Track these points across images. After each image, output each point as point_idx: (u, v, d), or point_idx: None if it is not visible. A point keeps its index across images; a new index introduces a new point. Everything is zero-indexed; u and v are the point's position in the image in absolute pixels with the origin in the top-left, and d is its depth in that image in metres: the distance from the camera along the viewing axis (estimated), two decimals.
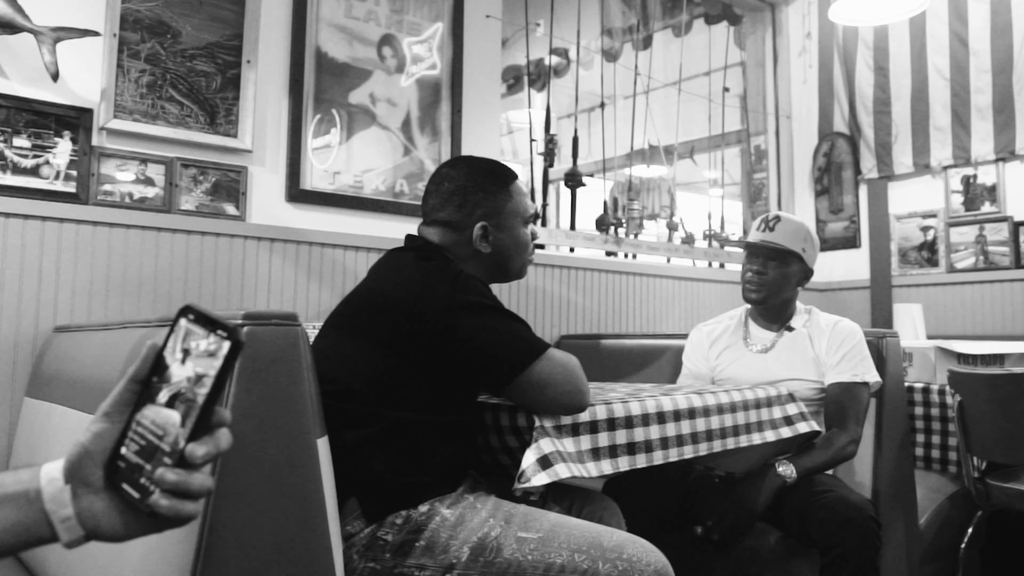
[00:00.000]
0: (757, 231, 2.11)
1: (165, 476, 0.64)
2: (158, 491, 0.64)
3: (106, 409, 0.68)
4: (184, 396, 0.65)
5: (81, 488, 0.66)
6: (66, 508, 0.65)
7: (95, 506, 0.66)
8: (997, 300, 3.35)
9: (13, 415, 1.88)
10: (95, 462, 0.66)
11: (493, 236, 1.49)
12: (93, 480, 0.66)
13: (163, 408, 0.65)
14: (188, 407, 0.64)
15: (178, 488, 0.64)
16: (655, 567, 1.28)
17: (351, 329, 1.42)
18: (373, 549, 1.28)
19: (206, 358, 0.64)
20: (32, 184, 1.95)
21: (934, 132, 3.57)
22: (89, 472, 0.66)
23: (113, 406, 0.68)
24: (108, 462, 0.66)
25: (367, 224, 2.49)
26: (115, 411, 0.67)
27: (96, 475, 0.66)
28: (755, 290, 2.08)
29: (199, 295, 2.15)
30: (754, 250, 2.09)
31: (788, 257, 2.06)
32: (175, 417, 0.65)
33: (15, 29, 1.89)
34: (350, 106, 2.50)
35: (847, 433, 1.89)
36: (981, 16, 3.43)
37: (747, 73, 4.08)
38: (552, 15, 3.13)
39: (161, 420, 0.65)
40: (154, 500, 0.64)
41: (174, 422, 0.64)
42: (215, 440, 0.66)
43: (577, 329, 2.98)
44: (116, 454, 0.66)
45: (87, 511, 0.66)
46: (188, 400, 0.64)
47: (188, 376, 0.65)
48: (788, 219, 2.10)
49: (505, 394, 1.36)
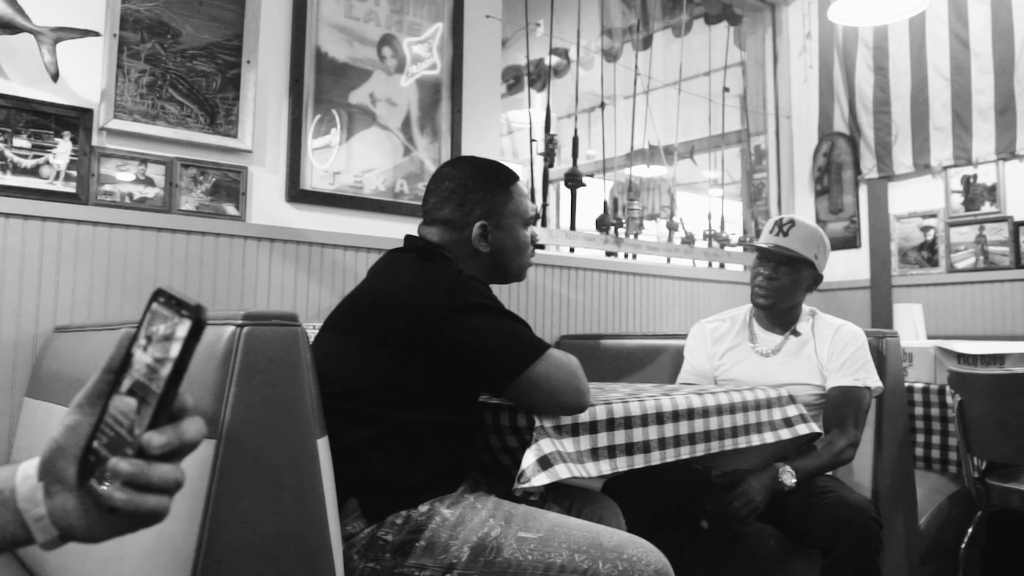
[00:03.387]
0: (770, 234, 2.07)
1: (118, 467, 0.59)
2: (115, 483, 0.59)
3: (79, 401, 0.64)
4: (140, 382, 0.60)
5: (55, 486, 0.62)
6: (39, 507, 0.62)
7: (67, 504, 0.62)
8: (997, 300, 3.35)
9: (13, 415, 1.88)
10: (68, 458, 0.62)
11: (492, 236, 1.49)
12: (66, 477, 0.62)
13: (124, 396, 0.61)
14: (145, 392, 0.60)
15: (135, 480, 0.59)
16: (655, 567, 1.28)
17: (351, 329, 1.42)
18: (373, 549, 1.28)
19: (166, 342, 0.59)
20: (32, 184, 1.95)
21: (934, 132, 3.57)
22: (62, 468, 0.62)
23: (86, 398, 0.64)
24: (81, 457, 0.62)
25: (367, 224, 2.49)
26: (88, 403, 0.64)
27: (69, 471, 0.62)
28: (764, 295, 2.05)
29: (199, 295, 2.15)
30: (765, 254, 2.06)
31: (800, 264, 2.04)
32: (132, 403, 0.60)
33: (15, 29, 1.89)
34: (350, 106, 2.50)
35: (845, 436, 1.89)
36: (982, 17, 3.43)
37: (747, 73, 4.08)
38: (552, 15, 3.13)
39: (123, 408, 0.61)
40: (107, 491, 0.59)
41: (131, 409, 0.60)
42: (177, 429, 0.60)
43: (577, 329, 2.98)
44: (89, 448, 0.62)
45: (59, 510, 0.62)
46: (144, 385, 0.60)
47: (147, 362, 0.60)
48: (802, 224, 2.06)
49: (505, 394, 1.36)
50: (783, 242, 2.04)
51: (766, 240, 2.07)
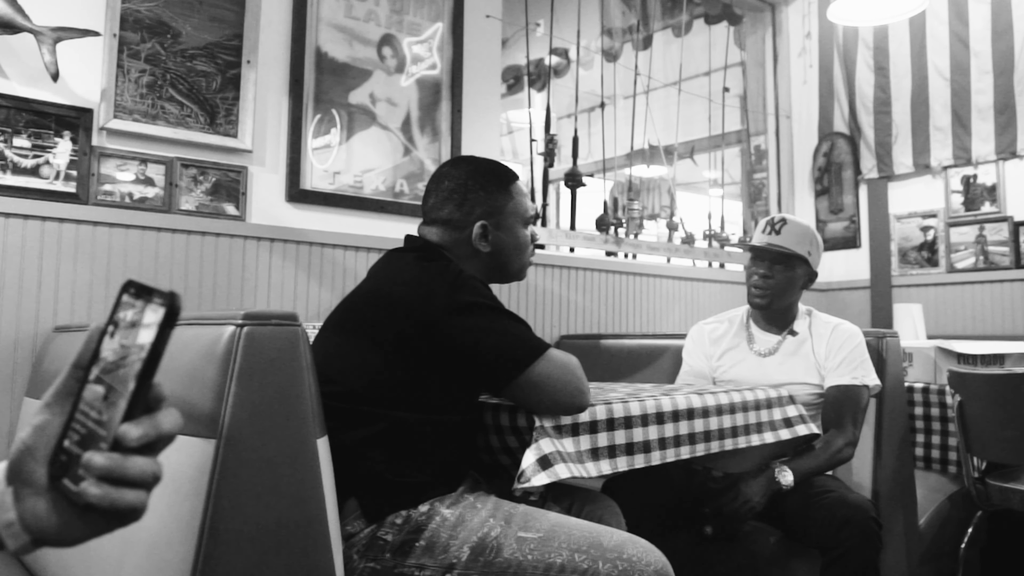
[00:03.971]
0: (763, 234, 2.08)
1: (92, 460, 0.56)
2: (90, 479, 0.56)
3: (47, 400, 0.61)
4: (108, 369, 0.58)
5: (24, 489, 0.59)
6: (8, 512, 0.59)
7: (38, 508, 0.59)
8: (997, 300, 3.35)
9: (13, 415, 1.88)
10: (37, 459, 0.59)
11: (492, 235, 1.49)
12: (36, 479, 0.59)
13: (92, 385, 0.58)
14: (113, 380, 0.57)
15: (111, 474, 0.56)
16: (655, 567, 1.28)
17: (351, 329, 1.42)
18: (373, 549, 1.28)
19: (134, 328, 0.57)
20: (32, 184, 1.95)
21: (934, 132, 3.57)
22: (31, 471, 0.59)
23: (55, 396, 0.61)
24: (51, 458, 0.59)
25: (367, 224, 2.49)
26: (56, 402, 0.60)
27: (39, 473, 0.59)
28: (760, 295, 2.06)
29: (199, 295, 2.15)
30: (759, 253, 2.07)
31: (794, 261, 2.05)
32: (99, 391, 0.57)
33: (15, 29, 1.89)
34: (350, 106, 2.50)
35: (844, 436, 1.89)
36: (982, 17, 3.43)
37: (747, 73, 4.08)
38: (552, 15, 3.13)
39: (90, 397, 0.58)
40: (83, 487, 0.56)
41: (99, 396, 0.57)
42: (154, 420, 0.58)
43: (577, 329, 2.98)
44: (60, 448, 0.59)
45: (30, 513, 0.59)
46: (112, 373, 0.57)
47: (114, 348, 0.58)
48: (794, 222, 2.08)
49: (505, 394, 1.37)
50: (776, 240, 2.05)
51: (759, 239, 2.08)
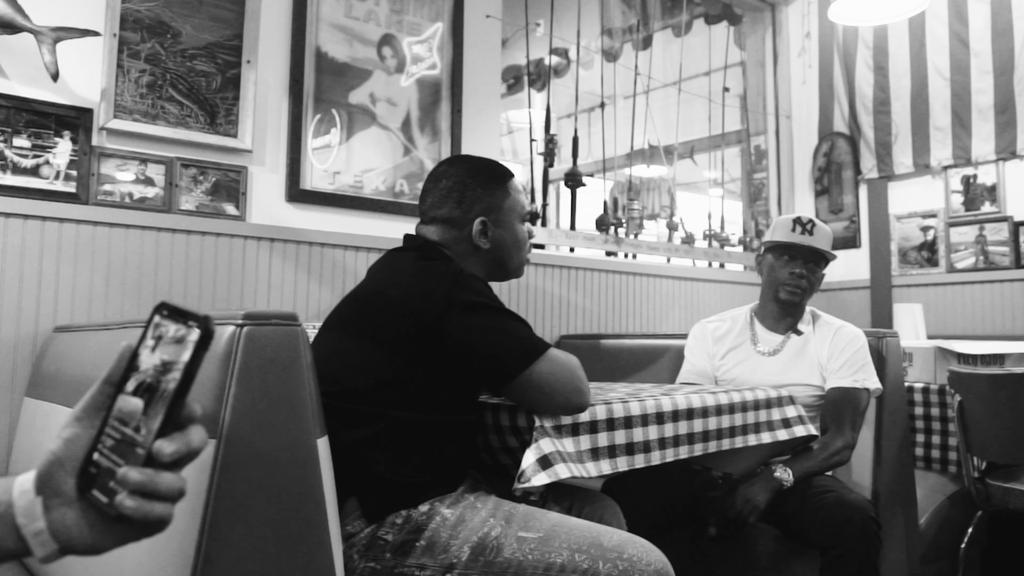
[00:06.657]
0: (795, 233, 2.07)
1: (128, 475, 0.59)
2: (124, 492, 0.60)
3: (78, 414, 0.64)
4: (149, 384, 0.61)
5: (53, 499, 0.62)
6: (38, 521, 0.61)
7: (67, 518, 0.62)
8: (997, 300, 3.35)
9: (13, 415, 1.88)
10: (67, 470, 0.62)
11: (492, 232, 1.50)
12: (65, 490, 0.62)
13: (130, 397, 0.62)
14: (152, 397, 0.61)
15: (144, 488, 0.60)
16: (655, 567, 1.28)
17: (351, 329, 1.42)
18: (373, 549, 1.28)
19: (174, 345, 0.61)
20: (32, 184, 1.95)
21: (934, 132, 3.57)
22: (61, 481, 0.62)
23: (85, 410, 0.64)
24: (81, 469, 0.62)
25: (367, 224, 2.49)
26: (87, 415, 0.64)
27: (68, 484, 0.62)
28: (797, 292, 2.06)
29: (199, 295, 2.15)
30: (798, 252, 2.07)
31: (826, 262, 2.10)
32: (139, 404, 0.61)
33: (15, 29, 1.89)
34: (350, 106, 2.50)
35: (842, 438, 1.90)
36: (982, 17, 3.43)
37: (747, 73, 4.08)
38: (552, 15, 3.13)
39: (128, 409, 0.61)
40: (119, 500, 0.60)
41: (137, 410, 0.61)
42: (185, 437, 0.62)
43: (577, 329, 2.98)
44: (89, 460, 0.62)
45: (59, 523, 0.62)
46: (153, 389, 0.61)
47: (155, 364, 0.61)
48: (820, 223, 2.11)
49: (505, 394, 1.37)
50: (813, 241, 2.07)
51: (796, 239, 2.07)
